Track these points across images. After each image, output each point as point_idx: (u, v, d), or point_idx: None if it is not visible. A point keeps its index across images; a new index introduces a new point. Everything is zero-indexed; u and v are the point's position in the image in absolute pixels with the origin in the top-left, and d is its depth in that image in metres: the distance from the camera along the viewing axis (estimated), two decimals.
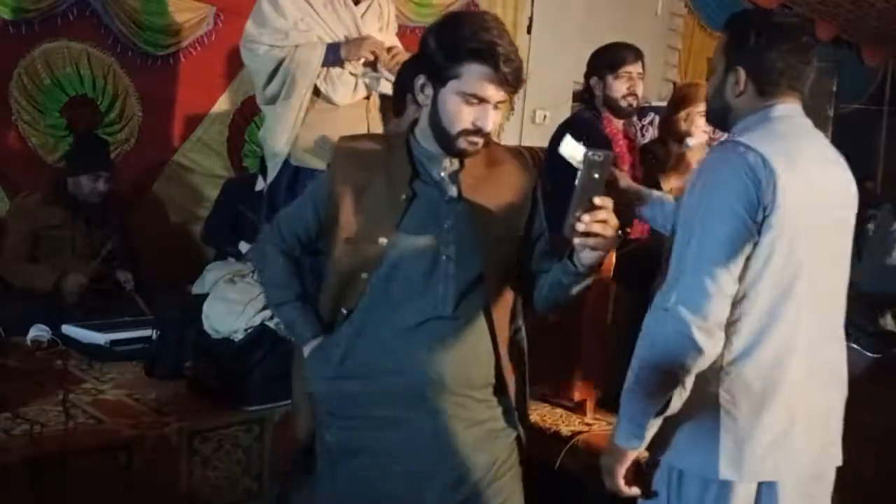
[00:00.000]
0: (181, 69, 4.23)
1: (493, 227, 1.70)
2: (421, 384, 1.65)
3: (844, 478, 1.80)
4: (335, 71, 2.96)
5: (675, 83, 6.35)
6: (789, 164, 1.57)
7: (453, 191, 1.68)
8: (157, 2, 4.10)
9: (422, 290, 1.65)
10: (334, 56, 2.92)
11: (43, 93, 3.84)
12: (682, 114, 3.12)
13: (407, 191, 1.66)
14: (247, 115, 4.48)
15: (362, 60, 2.94)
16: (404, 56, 3.02)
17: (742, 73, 1.69)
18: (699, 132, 3.06)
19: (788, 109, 1.68)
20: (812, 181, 1.61)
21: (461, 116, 1.59)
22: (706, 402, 1.61)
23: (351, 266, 1.68)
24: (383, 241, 1.64)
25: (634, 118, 3.94)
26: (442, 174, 1.68)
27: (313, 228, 1.78)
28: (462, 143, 1.62)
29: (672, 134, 3.17)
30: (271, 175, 3.08)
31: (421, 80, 1.63)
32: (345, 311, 1.70)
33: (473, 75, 1.56)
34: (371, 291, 1.67)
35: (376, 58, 2.94)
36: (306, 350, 1.77)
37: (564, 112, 5.48)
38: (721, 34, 1.78)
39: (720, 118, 1.78)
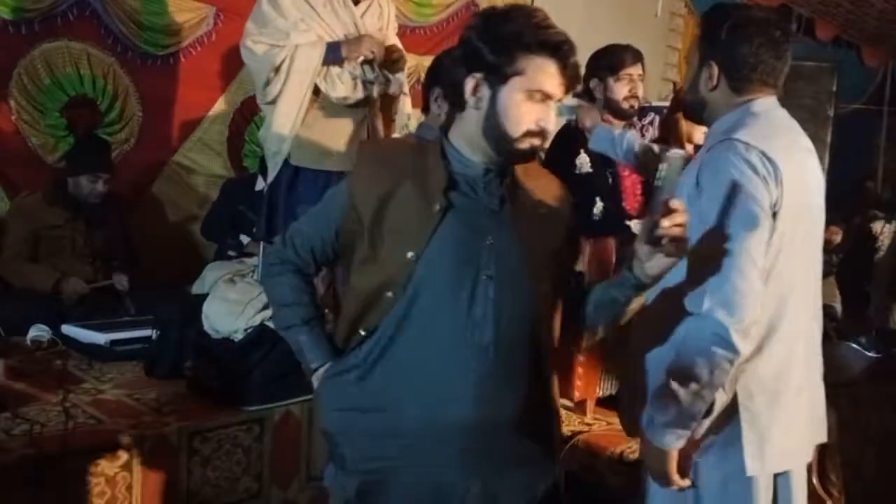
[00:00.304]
0: (181, 69, 4.23)
1: (539, 244, 1.53)
2: (452, 423, 1.46)
3: (844, 477, 1.81)
4: (335, 70, 2.96)
5: (675, 83, 6.35)
6: (787, 158, 1.61)
7: (495, 203, 1.52)
8: (157, 2, 4.10)
9: (455, 312, 1.46)
10: (335, 55, 2.92)
11: (43, 93, 3.84)
12: (678, 114, 3.14)
13: (441, 200, 1.48)
14: (247, 115, 4.48)
15: (361, 59, 2.94)
16: (403, 55, 3.03)
17: (715, 68, 1.71)
18: (699, 133, 3.06)
19: (766, 104, 1.72)
20: (801, 172, 1.65)
21: (526, 116, 1.44)
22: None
23: (373, 283, 1.49)
24: (411, 255, 1.46)
25: (634, 118, 3.94)
26: (483, 184, 1.51)
27: (331, 241, 1.60)
28: (524, 146, 1.46)
29: (672, 134, 3.18)
30: (271, 175, 3.08)
31: (472, 81, 1.46)
32: (363, 332, 1.52)
33: (539, 70, 1.43)
34: (396, 312, 1.48)
35: (374, 56, 2.94)
36: (315, 378, 1.60)
37: None
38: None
39: (695, 112, 1.80)
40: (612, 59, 3.00)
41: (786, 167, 1.59)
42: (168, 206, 4.30)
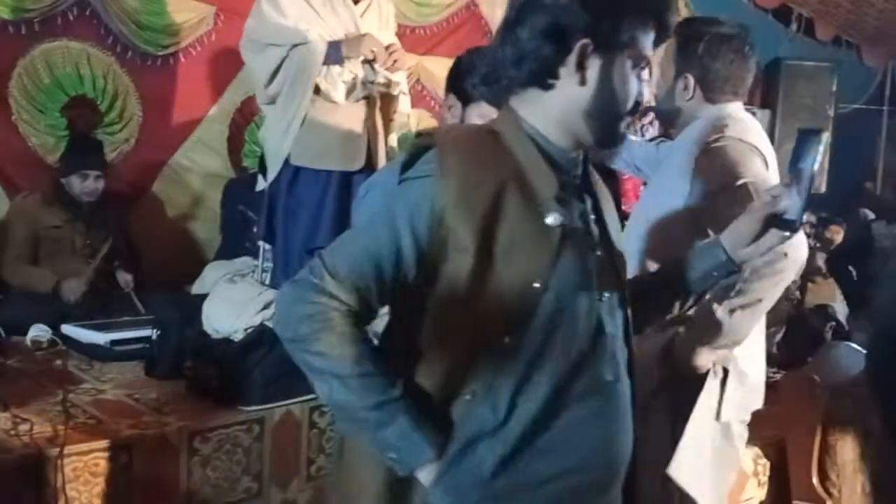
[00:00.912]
0: (181, 69, 4.23)
1: (621, 255, 1.33)
2: (600, 480, 1.23)
3: (845, 477, 1.81)
4: (335, 69, 2.95)
5: None
6: (770, 153, 1.82)
7: (588, 201, 1.28)
8: (157, 2, 4.10)
9: (583, 349, 1.19)
10: (335, 54, 2.92)
11: (43, 93, 3.84)
12: None
13: (558, 209, 1.18)
14: (247, 115, 4.47)
15: (361, 58, 2.93)
16: (402, 55, 3.02)
17: (691, 80, 1.88)
18: None
19: (738, 108, 1.89)
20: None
21: (633, 89, 1.22)
22: None
23: (482, 325, 1.14)
24: (537, 285, 1.14)
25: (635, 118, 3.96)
26: (579, 178, 1.27)
27: (409, 269, 1.16)
28: (625, 127, 1.25)
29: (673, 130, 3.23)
30: (271, 175, 3.08)
31: (579, 50, 1.17)
32: (469, 396, 1.15)
33: (645, 35, 1.22)
34: (516, 360, 1.15)
35: (375, 56, 2.94)
36: (426, 474, 1.16)
37: None
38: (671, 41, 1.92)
39: (669, 118, 1.99)
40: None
41: (771, 162, 1.80)
42: (168, 206, 4.29)
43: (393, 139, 3.16)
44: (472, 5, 5.27)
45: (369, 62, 2.95)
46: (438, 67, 5.14)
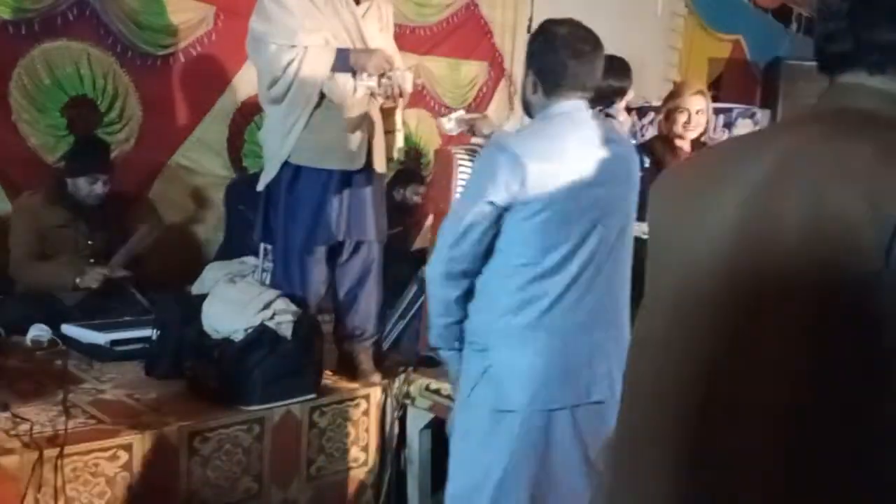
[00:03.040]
0: (181, 69, 4.22)
1: None
2: None
3: None
4: (341, 77, 2.90)
5: (675, 83, 6.35)
6: (549, 157, 1.88)
7: None
8: (157, 1, 4.10)
9: None
10: (343, 63, 2.86)
11: (43, 93, 3.84)
12: (665, 110, 3.32)
13: None
14: (247, 115, 4.47)
15: (368, 73, 2.86)
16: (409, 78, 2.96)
17: (532, 76, 2.00)
18: (679, 126, 3.24)
19: (567, 106, 1.96)
20: (569, 167, 1.89)
21: None
22: None
23: None
24: None
25: (635, 117, 3.99)
26: None
27: None
28: None
29: (663, 129, 3.30)
30: (268, 176, 3.05)
31: None
32: None
33: None
34: None
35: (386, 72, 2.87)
36: None
37: None
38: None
39: (527, 112, 2.12)
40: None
41: (541, 165, 1.85)
42: (168, 207, 4.29)
43: (400, 139, 3.14)
44: (472, 5, 5.27)
45: (380, 76, 2.88)
46: (438, 67, 5.15)
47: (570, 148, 1.92)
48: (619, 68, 3.39)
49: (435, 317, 2.03)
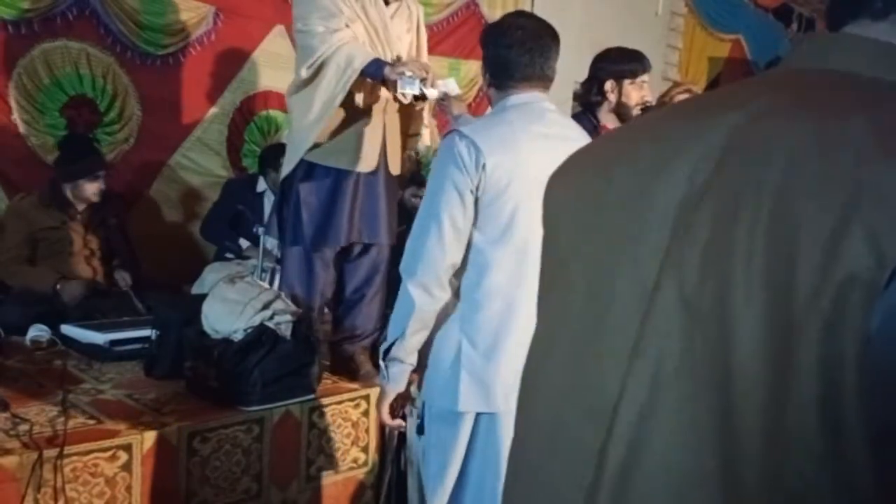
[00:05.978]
0: (181, 69, 4.23)
1: None
2: None
3: None
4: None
5: (674, 82, 6.36)
6: (507, 146, 1.88)
7: None
8: (157, 1, 4.10)
9: None
10: (376, 71, 2.81)
11: (43, 93, 3.84)
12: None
13: None
14: (247, 115, 4.48)
15: (410, 74, 2.76)
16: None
17: (485, 70, 2.05)
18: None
19: (522, 97, 1.98)
20: (525, 158, 1.88)
21: None
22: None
23: None
24: None
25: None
26: None
27: None
28: None
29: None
30: (289, 167, 3.00)
31: None
32: None
33: None
34: None
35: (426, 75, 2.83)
36: None
37: (564, 111, 5.47)
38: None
39: (491, 104, 2.13)
40: (632, 65, 2.99)
41: (498, 156, 1.86)
42: (167, 206, 4.30)
43: (426, 137, 3.12)
44: (472, 5, 5.28)
45: (422, 80, 2.83)
46: (438, 67, 5.15)
47: (521, 139, 1.92)
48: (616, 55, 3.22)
49: (410, 334, 1.93)
